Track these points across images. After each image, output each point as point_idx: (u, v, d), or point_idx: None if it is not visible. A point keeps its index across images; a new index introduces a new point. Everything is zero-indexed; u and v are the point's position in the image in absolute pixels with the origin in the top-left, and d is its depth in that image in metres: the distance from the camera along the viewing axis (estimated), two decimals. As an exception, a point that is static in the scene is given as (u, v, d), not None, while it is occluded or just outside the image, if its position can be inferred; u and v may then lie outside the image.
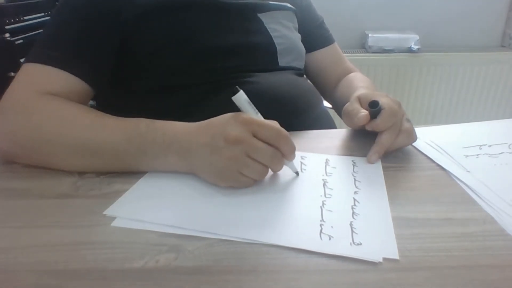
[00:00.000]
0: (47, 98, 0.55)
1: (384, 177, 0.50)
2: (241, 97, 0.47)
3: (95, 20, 0.63)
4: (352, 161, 0.55)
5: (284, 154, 0.47)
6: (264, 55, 0.73)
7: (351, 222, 0.41)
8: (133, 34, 0.65)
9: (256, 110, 0.48)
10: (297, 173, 0.51)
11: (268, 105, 0.67)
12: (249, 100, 0.47)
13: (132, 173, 0.51)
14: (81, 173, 0.52)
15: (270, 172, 0.49)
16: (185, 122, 0.50)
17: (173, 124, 0.51)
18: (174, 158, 0.49)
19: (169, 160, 0.49)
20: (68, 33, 0.62)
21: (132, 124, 0.51)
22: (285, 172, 0.51)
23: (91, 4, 0.63)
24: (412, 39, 1.80)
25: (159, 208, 0.44)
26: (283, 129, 0.46)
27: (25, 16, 1.32)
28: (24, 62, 0.60)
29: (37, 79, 0.58)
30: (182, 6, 0.67)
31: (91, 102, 0.71)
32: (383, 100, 0.56)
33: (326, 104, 0.88)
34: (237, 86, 0.47)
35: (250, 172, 0.46)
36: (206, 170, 0.48)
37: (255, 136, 0.45)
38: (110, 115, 0.54)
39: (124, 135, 0.50)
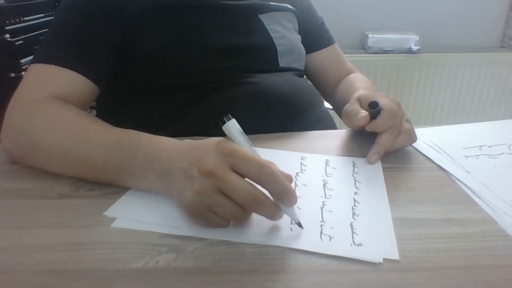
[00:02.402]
0: (45, 104, 0.55)
1: (384, 178, 0.50)
2: (232, 127, 0.40)
3: (97, 17, 0.64)
4: (352, 161, 0.55)
5: (273, 194, 0.38)
6: (264, 55, 0.73)
7: (351, 222, 0.41)
8: (135, 32, 0.65)
9: (249, 142, 0.40)
10: (299, 225, 0.40)
11: (269, 105, 0.67)
12: (241, 130, 0.40)
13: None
14: (81, 174, 0.52)
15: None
16: (173, 139, 0.46)
17: (158, 140, 0.46)
18: (153, 177, 0.45)
19: (148, 180, 0.45)
20: (71, 31, 0.63)
21: (115, 138, 0.49)
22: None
23: (92, 1, 0.64)
24: (412, 40, 1.80)
25: (159, 209, 0.44)
26: (269, 165, 0.38)
27: (25, 16, 1.32)
28: (31, 63, 0.60)
29: (42, 81, 0.58)
30: (184, 6, 0.68)
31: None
32: (382, 101, 0.56)
33: (326, 104, 0.88)
34: (229, 115, 0.40)
35: (222, 212, 0.39)
36: (178, 197, 0.42)
37: (234, 170, 0.38)
38: (98, 125, 0.52)
39: (105, 150, 0.48)
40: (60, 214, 0.44)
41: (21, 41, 1.24)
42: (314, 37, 0.88)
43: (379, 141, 0.54)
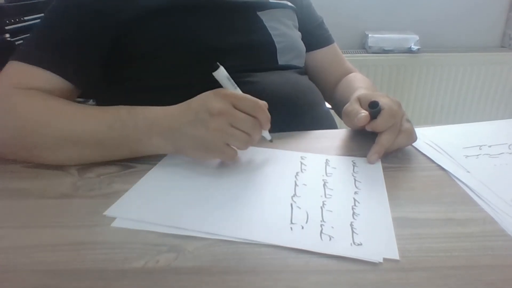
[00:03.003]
0: (27, 91, 0.55)
1: (384, 177, 0.50)
2: (221, 73, 0.50)
3: (88, 20, 0.63)
4: (352, 161, 0.55)
5: (261, 123, 0.50)
6: (263, 54, 0.73)
7: (351, 222, 0.41)
8: (132, 34, 0.65)
9: (235, 85, 0.51)
10: (271, 141, 0.56)
11: (269, 105, 0.67)
12: (228, 76, 0.50)
13: (132, 173, 0.51)
14: (81, 173, 0.52)
15: (268, 176, 0.49)
16: (165, 106, 0.52)
17: (153, 108, 0.52)
18: (158, 139, 0.51)
19: (152, 142, 0.51)
20: (56, 33, 0.62)
21: (113, 111, 0.53)
22: (285, 173, 0.51)
23: (85, 4, 0.63)
24: (412, 39, 1.80)
25: (159, 208, 0.44)
26: (259, 100, 0.50)
27: (25, 16, 1.32)
28: (10, 59, 0.59)
29: (19, 77, 0.58)
30: (183, 7, 0.67)
31: (91, 101, 0.70)
32: (383, 101, 0.56)
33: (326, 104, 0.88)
34: (217, 63, 0.49)
35: (235, 141, 0.49)
36: (192, 146, 0.50)
37: (235, 108, 0.48)
38: (91, 106, 0.55)
39: (106, 123, 0.52)
40: (60, 214, 0.44)
41: (21, 41, 1.24)
42: (313, 36, 0.88)
43: (379, 141, 0.54)
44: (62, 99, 0.56)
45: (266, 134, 0.55)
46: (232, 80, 0.51)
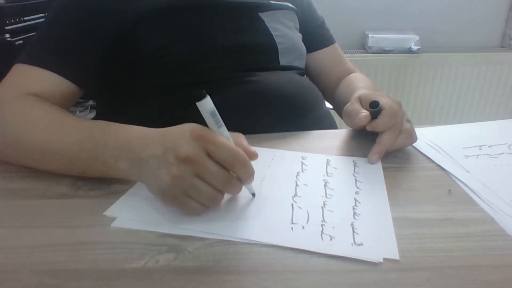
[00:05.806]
0: (18, 99, 0.55)
1: (384, 177, 0.50)
2: (206, 106, 0.40)
3: (86, 18, 0.63)
4: (353, 161, 0.55)
5: (240, 179, 0.42)
6: (265, 54, 0.73)
7: (352, 222, 0.41)
8: (134, 34, 0.65)
9: (221, 123, 0.41)
10: (253, 195, 0.46)
11: (270, 105, 0.67)
12: (214, 110, 0.40)
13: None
14: (81, 173, 0.52)
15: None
16: (143, 127, 0.47)
17: (129, 128, 0.47)
18: (125, 165, 0.45)
19: (119, 166, 0.46)
20: (58, 34, 0.62)
21: (87, 127, 0.50)
22: (286, 173, 0.51)
23: (86, 4, 0.63)
24: (412, 40, 1.80)
25: (159, 208, 0.44)
26: (241, 152, 0.41)
27: (25, 16, 1.32)
28: (15, 62, 0.60)
29: (22, 79, 0.58)
30: (185, 7, 0.67)
31: (90, 102, 0.70)
32: (383, 100, 0.56)
33: (327, 104, 0.88)
34: (204, 91, 0.40)
35: (199, 195, 0.40)
36: (152, 183, 0.43)
37: (209, 156, 0.40)
38: (71, 117, 0.52)
39: (78, 140, 0.49)
40: (60, 214, 0.44)
41: (21, 41, 1.24)
42: (315, 36, 0.88)
43: (380, 140, 0.54)
44: (47, 107, 0.54)
45: (248, 186, 0.46)
46: (218, 116, 0.41)
